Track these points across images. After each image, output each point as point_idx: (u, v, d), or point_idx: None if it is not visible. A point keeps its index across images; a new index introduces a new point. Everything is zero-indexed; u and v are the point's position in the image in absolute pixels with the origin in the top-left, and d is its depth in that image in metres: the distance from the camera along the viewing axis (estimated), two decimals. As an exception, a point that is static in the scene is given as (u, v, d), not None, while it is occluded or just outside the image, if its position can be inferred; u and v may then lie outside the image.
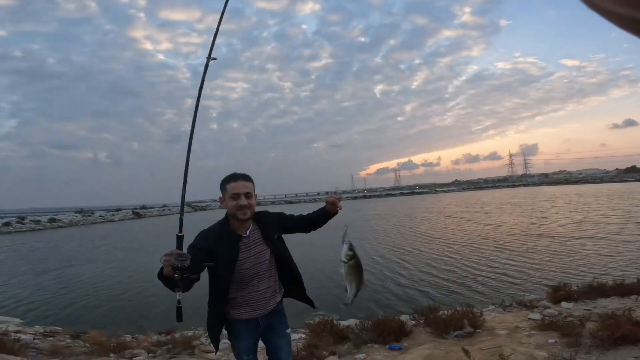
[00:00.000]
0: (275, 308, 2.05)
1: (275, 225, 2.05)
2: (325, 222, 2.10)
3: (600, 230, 14.43)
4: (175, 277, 1.61)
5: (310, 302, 2.18)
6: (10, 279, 12.62)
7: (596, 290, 4.79)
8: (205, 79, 2.15)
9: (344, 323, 5.12)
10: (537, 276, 8.70)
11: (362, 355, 3.84)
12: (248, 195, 1.93)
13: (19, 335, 4.71)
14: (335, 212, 2.03)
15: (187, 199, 1.95)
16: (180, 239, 1.79)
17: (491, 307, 5.70)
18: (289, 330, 2.15)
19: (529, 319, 4.14)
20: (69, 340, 4.97)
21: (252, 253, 1.95)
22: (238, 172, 2.01)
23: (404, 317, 4.97)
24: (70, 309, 8.51)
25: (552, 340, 3.40)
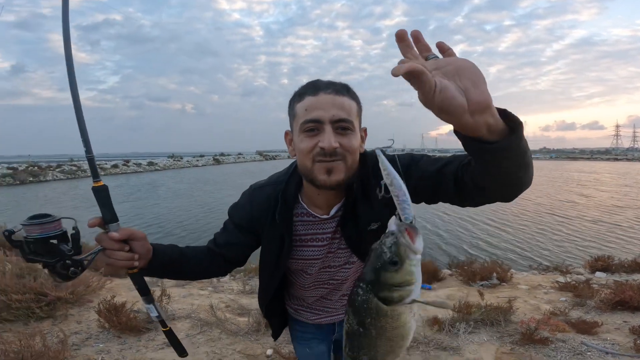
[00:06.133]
0: None
1: (384, 198, 0.67)
2: (481, 153, 0.57)
3: None
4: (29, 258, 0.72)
5: None
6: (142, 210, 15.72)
7: (638, 266, 4.86)
8: (276, 36, 1.43)
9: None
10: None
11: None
12: (342, 124, 0.81)
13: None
14: (459, 112, 0.50)
15: (259, 149, 1.36)
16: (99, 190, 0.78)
17: (532, 271, 6.00)
18: None
19: (556, 281, 4.49)
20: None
21: (326, 251, 0.98)
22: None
23: (444, 271, 5.58)
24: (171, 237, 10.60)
25: (563, 299, 3.81)
